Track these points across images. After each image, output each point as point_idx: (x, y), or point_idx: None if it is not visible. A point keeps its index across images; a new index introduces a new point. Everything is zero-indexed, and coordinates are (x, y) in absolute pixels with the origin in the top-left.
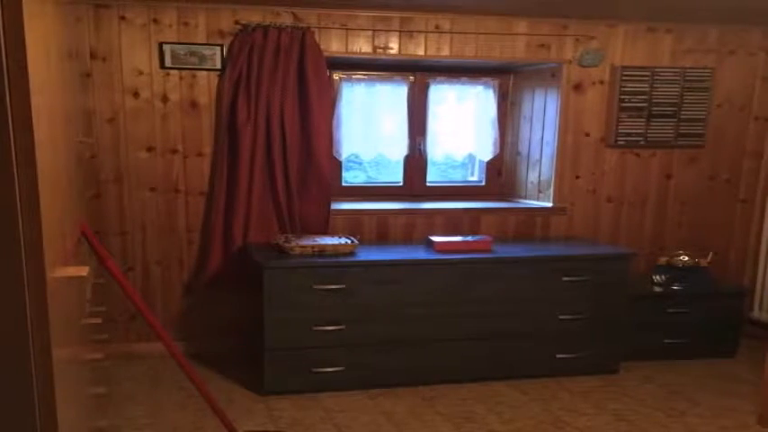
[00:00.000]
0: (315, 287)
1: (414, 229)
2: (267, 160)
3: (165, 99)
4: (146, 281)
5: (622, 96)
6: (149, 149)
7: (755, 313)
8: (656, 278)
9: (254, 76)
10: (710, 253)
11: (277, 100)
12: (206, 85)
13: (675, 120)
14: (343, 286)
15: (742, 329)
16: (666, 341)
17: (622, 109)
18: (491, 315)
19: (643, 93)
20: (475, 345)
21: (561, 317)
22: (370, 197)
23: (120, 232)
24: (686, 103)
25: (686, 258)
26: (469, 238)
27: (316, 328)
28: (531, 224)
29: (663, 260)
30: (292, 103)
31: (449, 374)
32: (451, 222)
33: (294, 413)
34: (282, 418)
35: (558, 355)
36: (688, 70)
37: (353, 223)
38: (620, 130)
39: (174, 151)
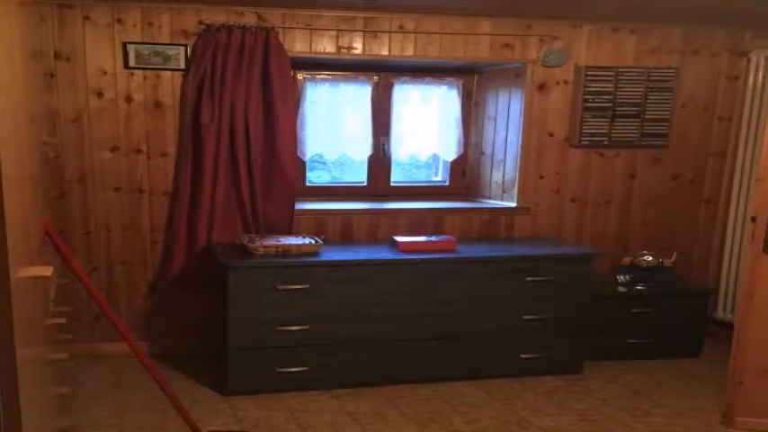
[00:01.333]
0: (279, 287)
1: (378, 229)
2: (231, 160)
3: (129, 99)
4: (110, 281)
5: (586, 96)
6: (113, 149)
7: (719, 313)
8: (620, 278)
9: (218, 76)
10: (674, 253)
11: (241, 100)
12: (170, 86)
13: (639, 120)
14: (308, 286)
15: (706, 330)
16: (630, 341)
17: (586, 109)
18: (455, 315)
19: (607, 93)
20: (439, 345)
21: (525, 317)
22: (335, 197)
23: (84, 232)
24: (650, 103)
25: (650, 258)
26: (433, 239)
27: (280, 328)
28: (495, 224)
29: (627, 260)
30: (256, 103)
31: (413, 374)
32: (416, 222)
33: (258, 413)
34: (247, 419)
35: (522, 355)
36: (652, 70)
37: (317, 223)
38: (584, 130)
39: (138, 151)
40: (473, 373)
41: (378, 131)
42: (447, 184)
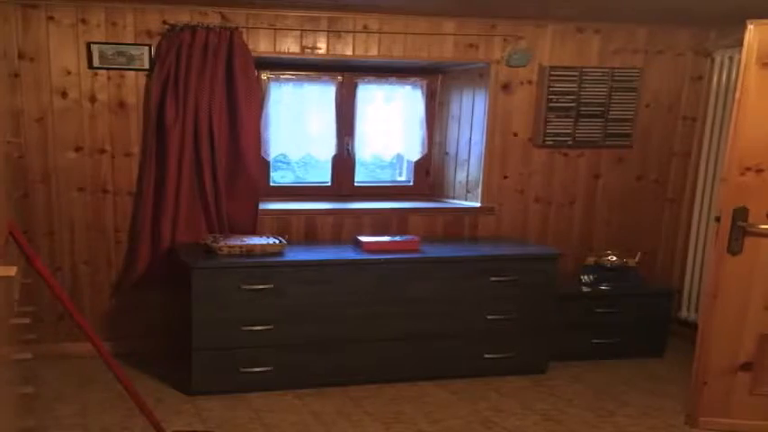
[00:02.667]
0: (243, 287)
1: (342, 229)
2: (195, 160)
3: (93, 99)
4: (74, 281)
5: (551, 96)
6: (77, 149)
7: (683, 313)
8: (585, 278)
9: (182, 76)
10: (638, 253)
11: (205, 100)
12: (134, 86)
13: (603, 120)
14: (272, 286)
15: (670, 329)
16: (595, 341)
17: (550, 109)
18: (419, 315)
19: (571, 93)
20: (403, 345)
21: (489, 317)
22: (299, 197)
23: (48, 232)
24: (614, 103)
25: (614, 258)
26: (397, 238)
27: (244, 328)
28: (459, 224)
29: (591, 260)
30: (220, 102)
31: (377, 375)
32: (380, 222)
33: (222, 413)
34: (211, 419)
35: (486, 355)
36: (616, 70)
37: (282, 223)
38: (548, 130)
39: (103, 151)
40: (437, 374)
41: (342, 131)
42: (411, 184)
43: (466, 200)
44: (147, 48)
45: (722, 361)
